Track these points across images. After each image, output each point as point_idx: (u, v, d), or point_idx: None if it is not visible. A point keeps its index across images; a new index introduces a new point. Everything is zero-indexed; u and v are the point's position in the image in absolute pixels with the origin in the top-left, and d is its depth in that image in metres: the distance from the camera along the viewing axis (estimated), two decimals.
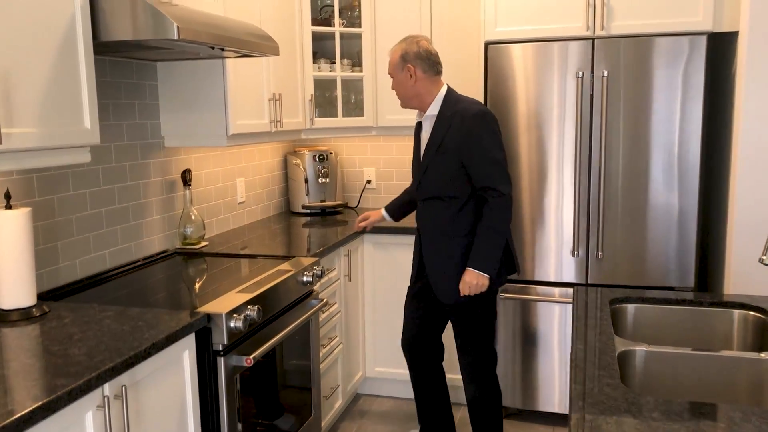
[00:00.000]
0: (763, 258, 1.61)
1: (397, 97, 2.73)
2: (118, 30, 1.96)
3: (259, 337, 2.20)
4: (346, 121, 3.62)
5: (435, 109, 2.63)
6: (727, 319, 1.94)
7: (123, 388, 1.59)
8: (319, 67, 3.57)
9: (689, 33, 2.86)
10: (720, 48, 3.04)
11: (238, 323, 2.00)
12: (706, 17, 2.82)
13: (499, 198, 2.52)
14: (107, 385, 1.56)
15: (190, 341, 1.92)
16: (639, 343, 1.70)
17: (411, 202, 3.01)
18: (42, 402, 1.35)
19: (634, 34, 2.91)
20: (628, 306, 2.02)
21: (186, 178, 2.88)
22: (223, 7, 2.63)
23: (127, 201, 2.63)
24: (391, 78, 2.74)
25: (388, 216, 3.08)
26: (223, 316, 1.97)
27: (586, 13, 2.94)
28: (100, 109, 2.45)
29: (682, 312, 1.99)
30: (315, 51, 3.55)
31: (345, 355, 3.26)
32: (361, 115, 3.69)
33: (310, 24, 3.43)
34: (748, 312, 1.91)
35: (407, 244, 3.35)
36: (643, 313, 2.02)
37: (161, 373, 1.80)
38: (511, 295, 3.21)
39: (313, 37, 3.49)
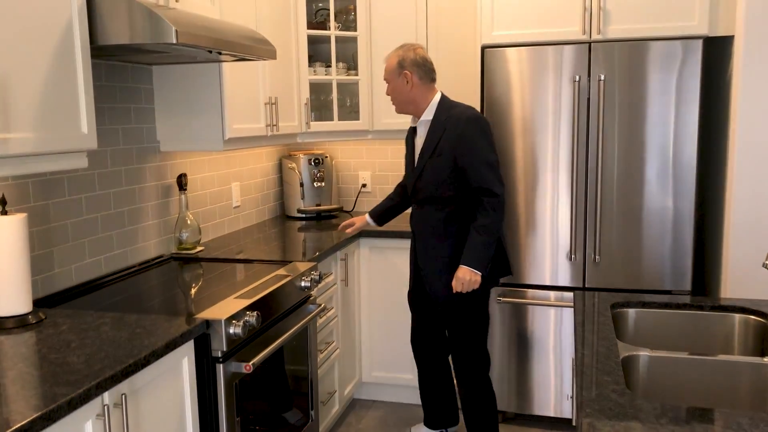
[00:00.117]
0: (767, 263, 1.61)
1: (392, 102, 2.79)
2: (115, 34, 1.94)
3: (257, 344, 2.18)
4: (341, 125, 3.61)
5: (430, 114, 2.70)
6: (728, 323, 1.95)
7: (123, 396, 1.57)
8: (315, 71, 3.55)
9: (685, 37, 2.87)
10: (715, 52, 3.06)
11: (237, 329, 1.98)
12: (701, 21, 2.83)
13: (492, 199, 2.57)
14: (107, 393, 1.54)
15: (189, 348, 1.90)
16: (642, 348, 1.70)
17: (394, 207, 3.08)
18: (42, 412, 1.33)
19: (630, 38, 2.91)
20: (629, 310, 2.02)
21: (182, 182, 2.86)
22: (219, 11, 2.62)
23: (123, 206, 2.60)
24: (386, 83, 2.79)
25: (372, 221, 3.12)
26: (222, 322, 1.95)
27: (583, 18, 2.94)
28: (95, 114, 2.42)
29: (683, 316, 1.99)
30: (310, 54, 3.54)
31: (342, 360, 3.24)
32: (357, 118, 3.68)
33: (306, 27, 3.41)
34: (749, 316, 1.92)
35: (403, 248, 3.34)
36: (644, 317, 2.01)
37: (160, 381, 1.78)
38: (508, 299, 3.21)
39: (309, 40, 3.48)
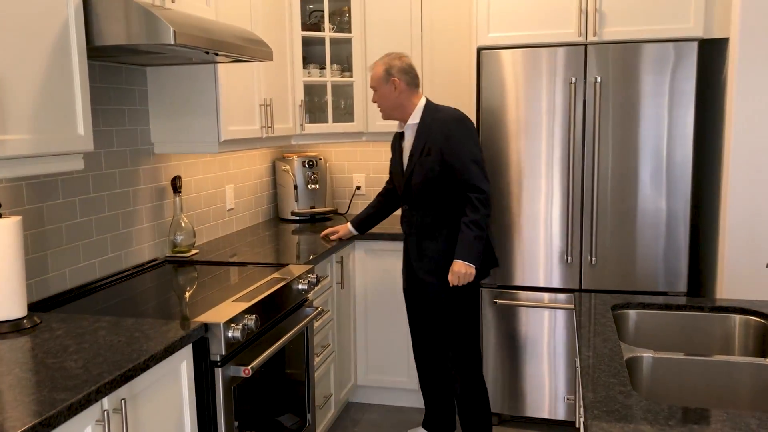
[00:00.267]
0: None
1: (379, 109, 2.88)
2: (112, 34, 1.92)
3: (255, 347, 2.16)
4: (336, 127, 3.59)
5: (416, 117, 2.79)
6: (728, 324, 1.95)
7: (122, 401, 1.55)
8: (309, 73, 3.53)
9: (681, 39, 2.88)
10: (711, 54, 3.07)
11: (236, 333, 1.96)
12: (697, 24, 2.85)
13: (480, 195, 2.68)
14: (106, 398, 1.51)
15: (188, 352, 1.88)
16: (645, 350, 1.70)
17: (374, 215, 3.21)
18: (42, 418, 1.30)
19: (626, 40, 2.92)
20: (630, 312, 2.01)
21: (176, 185, 2.83)
22: (215, 12, 2.60)
23: (117, 209, 2.57)
24: (373, 91, 2.86)
25: (354, 230, 3.24)
26: (221, 326, 1.93)
27: (579, 19, 2.95)
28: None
29: (683, 317, 1.99)
30: (304, 56, 3.51)
31: (338, 363, 3.22)
32: (351, 120, 3.67)
33: (300, 29, 3.39)
34: (750, 317, 1.92)
35: (399, 250, 3.33)
36: (644, 318, 2.01)
37: (159, 386, 1.75)
38: (504, 301, 3.20)
39: (303, 42, 3.46)
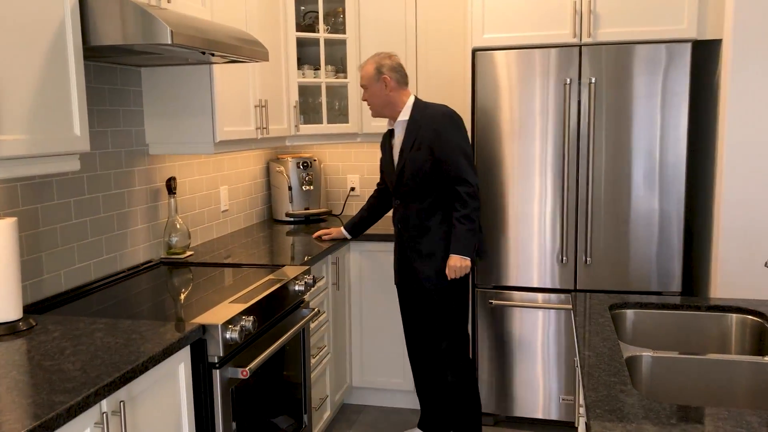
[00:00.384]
0: None
1: (369, 107, 2.91)
2: (108, 34, 1.90)
3: (253, 349, 2.15)
4: (331, 128, 3.59)
5: (406, 114, 2.84)
6: (725, 323, 1.96)
7: (121, 403, 1.54)
8: (303, 74, 3.52)
9: (674, 40, 2.89)
10: (704, 55, 3.09)
11: (234, 334, 1.95)
12: (690, 25, 2.86)
13: (468, 188, 2.73)
14: (105, 401, 1.50)
15: (186, 354, 1.87)
16: (644, 349, 1.70)
17: (366, 219, 3.23)
18: (41, 420, 1.29)
19: (620, 41, 2.93)
20: (627, 311, 2.02)
21: (171, 186, 2.81)
22: (210, 12, 2.59)
23: (112, 210, 2.55)
24: (363, 90, 2.89)
25: (348, 234, 3.25)
26: (219, 327, 1.92)
27: (573, 21, 2.96)
28: None
29: (680, 317, 2.00)
30: (299, 57, 3.51)
31: (333, 364, 3.22)
32: (346, 121, 3.66)
33: (295, 29, 3.38)
34: (746, 316, 1.93)
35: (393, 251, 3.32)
36: (642, 318, 2.02)
37: (157, 387, 1.74)
38: (499, 302, 3.21)
39: (297, 43, 3.45)
